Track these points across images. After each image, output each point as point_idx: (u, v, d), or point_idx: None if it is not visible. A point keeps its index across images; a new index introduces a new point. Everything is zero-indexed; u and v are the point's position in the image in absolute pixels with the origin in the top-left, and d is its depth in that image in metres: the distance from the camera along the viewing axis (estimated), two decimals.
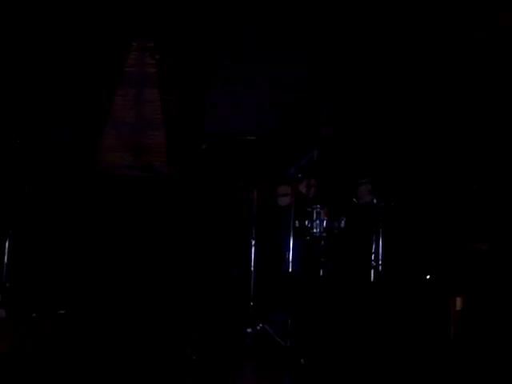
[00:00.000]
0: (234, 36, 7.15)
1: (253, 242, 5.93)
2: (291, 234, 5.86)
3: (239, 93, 7.12)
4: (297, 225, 5.93)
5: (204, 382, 4.87)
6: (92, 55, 7.19)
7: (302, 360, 5.31)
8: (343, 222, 5.92)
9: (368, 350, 5.33)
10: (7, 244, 6.03)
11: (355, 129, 6.53)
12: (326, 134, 6.43)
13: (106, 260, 6.80)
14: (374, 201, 5.94)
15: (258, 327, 5.74)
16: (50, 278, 6.45)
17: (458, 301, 5.31)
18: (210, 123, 7.20)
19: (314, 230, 5.94)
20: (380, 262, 5.83)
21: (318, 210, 5.94)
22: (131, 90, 7.39)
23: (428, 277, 5.65)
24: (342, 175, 6.23)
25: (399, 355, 5.23)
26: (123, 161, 7.23)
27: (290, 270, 5.84)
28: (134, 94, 7.39)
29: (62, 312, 5.85)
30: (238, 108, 7.09)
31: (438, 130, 6.59)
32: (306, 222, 5.96)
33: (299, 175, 6.05)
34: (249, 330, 5.73)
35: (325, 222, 5.92)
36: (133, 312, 6.04)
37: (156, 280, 6.65)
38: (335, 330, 5.59)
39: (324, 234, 5.92)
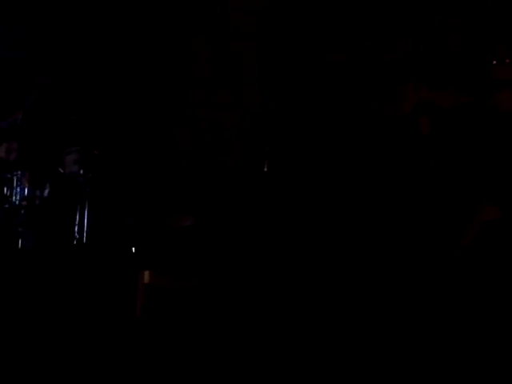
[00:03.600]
0: None
1: None
2: None
3: None
4: None
5: None
6: None
7: None
8: (47, 191, 5.66)
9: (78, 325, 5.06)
10: None
11: (65, 96, 6.23)
12: (33, 98, 6.06)
13: None
14: (81, 171, 5.73)
15: None
16: None
17: (146, 274, 5.27)
18: None
19: (14, 198, 5.59)
20: (84, 234, 5.61)
21: (19, 176, 5.61)
22: None
23: (133, 250, 5.54)
24: (48, 142, 5.92)
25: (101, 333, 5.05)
26: None
27: None
28: None
29: None
30: None
31: (146, 104, 6.49)
32: (5, 189, 5.59)
33: None
34: None
35: (26, 190, 5.61)
36: None
37: None
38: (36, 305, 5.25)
39: (24, 203, 5.59)
